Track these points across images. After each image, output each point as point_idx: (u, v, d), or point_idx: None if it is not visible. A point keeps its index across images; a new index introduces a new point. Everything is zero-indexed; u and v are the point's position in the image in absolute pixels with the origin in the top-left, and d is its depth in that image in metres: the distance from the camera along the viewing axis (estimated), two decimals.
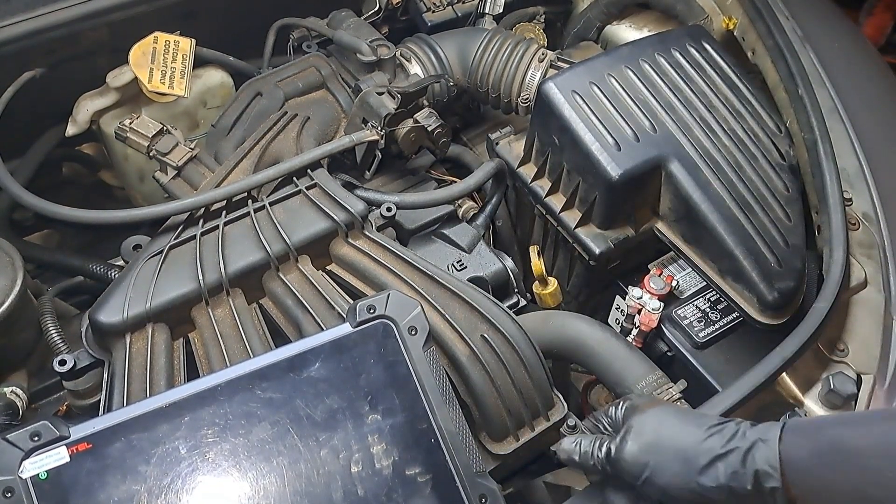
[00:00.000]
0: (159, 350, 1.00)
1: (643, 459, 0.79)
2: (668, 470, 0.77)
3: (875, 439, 0.65)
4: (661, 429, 0.81)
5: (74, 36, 1.33)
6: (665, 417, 0.83)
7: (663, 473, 0.77)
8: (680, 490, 0.76)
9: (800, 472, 0.68)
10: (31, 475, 0.78)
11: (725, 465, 0.72)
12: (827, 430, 0.69)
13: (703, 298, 1.22)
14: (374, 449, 0.85)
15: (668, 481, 0.77)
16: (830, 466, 0.66)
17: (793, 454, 0.68)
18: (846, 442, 0.66)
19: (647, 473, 0.78)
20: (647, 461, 0.79)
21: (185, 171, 1.21)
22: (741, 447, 0.71)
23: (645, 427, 0.82)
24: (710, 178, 1.17)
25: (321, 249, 1.13)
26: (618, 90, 1.23)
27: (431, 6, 1.58)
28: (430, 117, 1.29)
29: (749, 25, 1.47)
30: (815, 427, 0.70)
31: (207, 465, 0.81)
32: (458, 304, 1.05)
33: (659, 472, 0.77)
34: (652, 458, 0.78)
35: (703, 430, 0.77)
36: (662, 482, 0.77)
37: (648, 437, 0.81)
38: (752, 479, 0.70)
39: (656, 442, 0.80)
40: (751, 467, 0.70)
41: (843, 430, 0.68)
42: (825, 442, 0.67)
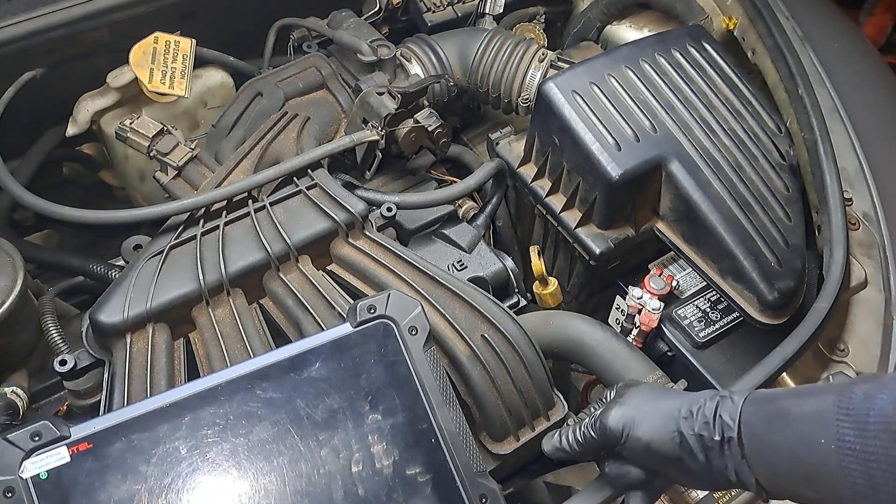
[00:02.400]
0: (160, 350, 1.00)
1: (628, 415, 0.84)
2: (649, 422, 0.83)
3: (809, 408, 0.73)
4: (643, 392, 0.88)
5: (75, 36, 1.33)
6: (648, 387, 0.90)
7: (643, 426, 0.83)
8: (660, 442, 0.82)
9: (751, 432, 0.76)
10: (31, 475, 0.78)
11: (700, 416, 0.79)
12: (778, 400, 0.77)
13: (704, 298, 1.22)
14: (375, 449, 0.85)
15: (649, 433, 0.82)
16: (773, 430, 0.74)
17: (749, 418, 0.76)
18: (788, 410, 0.74)
19: (629, 429, 0.84)
20: (631, 416, 0.84)
21: (185, 172, 1.21)
22: (712, 403, 0.79)
23: (628, 394, 0.88)
24: (710, 178, 1.17)
25: (321, 249, 1.13)
26: (618, 90, 1.23)
27: (431, 6, 1.58)
28: (431, 117, 1.29)
29: (749, 25, 1.47)
30: (769, 397, 0.78)
31: (208, 464, 0.82)
32: (458, 304, 1.05)
33: (639, 425, 0.83)
34: (635, 413, 0.84)
35: (681, 393, 0.86)
36: (643, 434, 0.83)
37: (631, 400, 0.87)
38: (718, 430, 0.77)
39: (639, 403, 0.86)
40: (718, 419, 0.78)
41: (788, 400, 0.75)
42: (773, 409, 0.76)
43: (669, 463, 0.83)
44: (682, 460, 0.81)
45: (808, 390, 0.77)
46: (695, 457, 0.80)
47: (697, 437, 0.79)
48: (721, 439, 0.77)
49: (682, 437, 0.80)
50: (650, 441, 0.83)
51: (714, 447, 0.78)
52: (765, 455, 0.75)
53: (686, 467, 0.81)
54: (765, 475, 0.76)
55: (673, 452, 0.81)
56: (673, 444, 0.81)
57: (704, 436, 0.78)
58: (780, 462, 0.74)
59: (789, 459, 0.72)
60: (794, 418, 0.73)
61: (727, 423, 0.77)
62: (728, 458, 0.77)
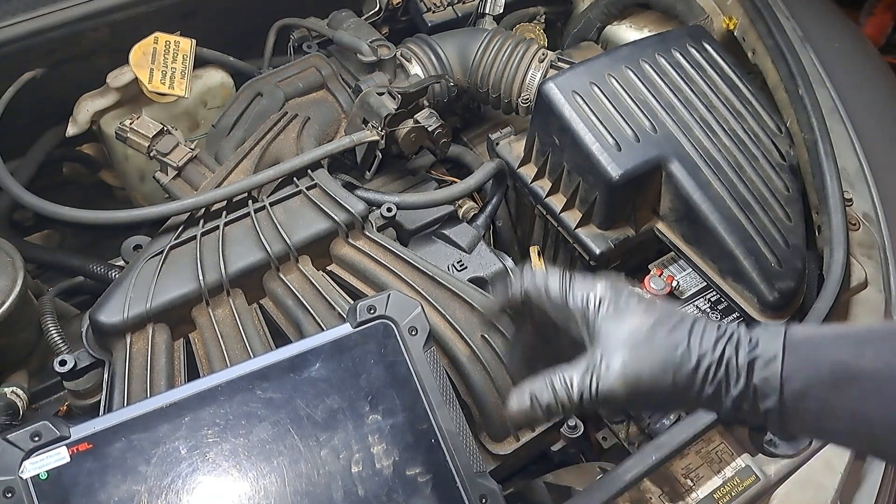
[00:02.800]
0: (160, 350, 1.00)
1: (630, 376, 0.70)
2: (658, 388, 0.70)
3: (885, 362, 0.63)
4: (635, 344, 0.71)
5: (75, 36, 1.33)
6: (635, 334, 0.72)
7: (661, 395, 0.70)
8: (674, 406, 0.74)
9: (797, 394, 0.66)
10: (31, 475, 0.78)
11: (726, 380, 0.68)
12: (829, 349, 0.66)
13: (704, 299, 1.22)
14: (375, 449, 0.85)
15: (660, 395, 0.70)
16: (832, 390, 0.64)
17: (792, 376, 0.66)
18: (850, 363, 0.64)
19: (632, 392, 0.70)
20: (633, 375, 0.70)
21: (185, 172, 1.21)
22: (740, 359, 0.68)
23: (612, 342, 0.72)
24: (710, 179, 1.17)
25: (321, 250, 1.13)
26: (618, 90, 1.23)
27: (432, 6, 1.58)
28: (431, 117, 1.29)
29: (749, 25, 1.47)
30: (816, 345, 0.67)
31: (208, 465, 0.82)
32: (458, 305, 1.05)
33: (644, 388, 0.70)
34: (637, 372, 0.70)
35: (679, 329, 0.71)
36: (650, 398, 0.71)
37: (625, 353, 0.71)
38: (752, 397, 0.67)
39: (637, 359, 0.70)
40: (753, 389, 0.67)
41: (846, 349, 0.65)
42: (828, 363, 0.65)
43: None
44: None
45: (870, 337, 0.67)
46: (716, 410, 0.71)
47: (731, 405, 0.68)
48: (753, 405, 0.67)
49: (707, 404, 0.70)
50: (664, 404, 0.74)
51: (744, 411, 0.69)
52: (810, 412, 0.66)
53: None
54: (802, 430, 0.68)
55: (691, 408, 0.74)
56: (693, 406, 0.72)
57: (738, 403, 0.68)
58: (828, 422, 0.66)
59: (849, 419, 0.64)
60: (861, 375, 0.63)
61: (766, 392, 0.66)
62: (759, 416, 0.68)
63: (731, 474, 1.01)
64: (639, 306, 0.74)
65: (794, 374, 0.66)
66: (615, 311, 0.73)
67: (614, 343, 0.72)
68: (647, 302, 0.75)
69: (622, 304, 0.74)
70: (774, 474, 1.03)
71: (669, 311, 0.74)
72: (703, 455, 1.03)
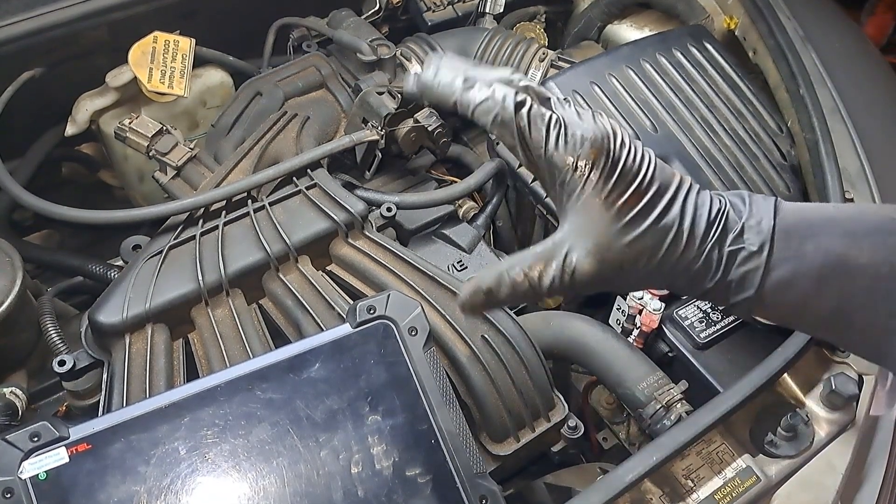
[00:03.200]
0: (159, 350, 1.00)
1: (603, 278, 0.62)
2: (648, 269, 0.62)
3: (885, 256, 0.58)
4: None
5: (74, 36, 1.33)
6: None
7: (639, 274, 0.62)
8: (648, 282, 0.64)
9: (779, 288, 0.60)
10: (30, 476, 0.77)
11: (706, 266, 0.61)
12: (824, 238, 0.61)
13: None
14: (375, 450, 0.85)
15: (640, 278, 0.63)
16: (817, 284, 0.59)
17: (776, 267, 0.60)
18: (846, 255, 0.59)
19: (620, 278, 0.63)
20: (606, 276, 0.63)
21: (184, 171, 1.21)
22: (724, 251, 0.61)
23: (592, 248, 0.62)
24: (710, 178, 1.17)
25: (321, 250, 1.12)
26: (619, 90, 1.23)
27: (432, 6, 1.58)
28: (431, 117, 1.29)
29: (750, 25, 1.46)
30: (810, 232, 0.61)
31: (207, 465, 0.81)
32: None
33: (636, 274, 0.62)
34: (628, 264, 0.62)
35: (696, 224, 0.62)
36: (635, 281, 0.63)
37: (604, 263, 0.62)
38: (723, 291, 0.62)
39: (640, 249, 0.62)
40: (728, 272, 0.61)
41: (843, 241, 0.60)
42: (818, 255, 0.60)
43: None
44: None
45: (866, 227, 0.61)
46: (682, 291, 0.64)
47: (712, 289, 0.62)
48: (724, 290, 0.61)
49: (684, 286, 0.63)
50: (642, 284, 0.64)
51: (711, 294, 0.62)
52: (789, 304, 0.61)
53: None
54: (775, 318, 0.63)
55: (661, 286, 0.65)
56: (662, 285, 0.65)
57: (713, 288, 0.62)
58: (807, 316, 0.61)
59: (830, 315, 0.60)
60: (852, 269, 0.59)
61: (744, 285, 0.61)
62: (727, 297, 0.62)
63: (732, 475, 1.01)
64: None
65: (780, 264, 0.60)
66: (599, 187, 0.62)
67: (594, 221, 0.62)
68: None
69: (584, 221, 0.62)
70: (775, 475, 1.02)
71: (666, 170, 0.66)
72: (704, 456, 1.03)
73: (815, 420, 1.06)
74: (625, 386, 1.07)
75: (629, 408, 1.12)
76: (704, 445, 1.04)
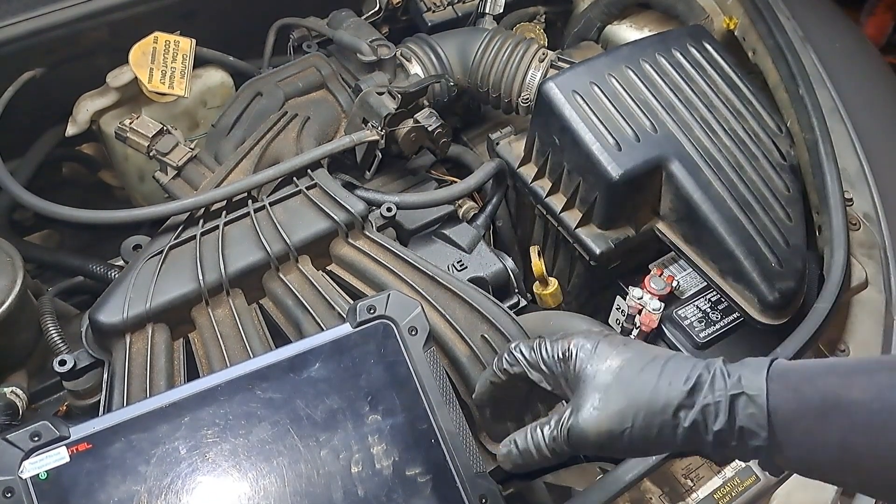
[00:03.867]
0: (159, 350, 1.00)
1: (605, 422, 0.71)
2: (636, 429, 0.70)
3: (875, 392, 0.60)
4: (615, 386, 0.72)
5: (74, 36, 1.33)
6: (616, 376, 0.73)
7: (627, 433, 0.70)
8: (655, 448, 0.72)
9: (785, 427, 0.64)
10: (31, 475, 0.78)
11: (711, 422, 0.67)
12: (818, 380, 0.64)
13: (704, 299, 1.22)
14: (375, 449, 0.85)
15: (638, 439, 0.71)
16: (820, 421, 0.62)
17: (780, 408, 0.64)
18: (840, 394, 0.62)
19: (610, 437, 0.71)
20: (611, 422, 0.71)
21: (185, 171, 1.21)
22: (723, 403, 0.67)
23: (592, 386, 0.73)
24: (710, 179, 1.17)
25: (321, 249, 1.13)
26: (618, 90, 1.23)
27: (432, 6, 1.58)
28: (431, 117, 1.29)
29: (750, 25, 1.46)
30: (803, 376, 0.65)
31: (207, 465, 0.81)
32: (458, 305, 1.05)
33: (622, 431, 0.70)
34: (614, 419, 0.71)
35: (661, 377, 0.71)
36: (630, 443, 0.71)
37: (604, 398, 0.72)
38: (739, 437, 0.66)
39: (615, 403, 0.71)
40: (739, 430, 0.66)
41: (836, 379, 0.64)
42: (816, 394, 0.63)
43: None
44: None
45: (860, 367, 0.66)
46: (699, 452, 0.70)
47: (712, 444, 0.68)
48: (740, 443, 0.67)
49: (687, 443, 0.69)
50: (640, 447, 0.72)
51: (728, 449, 0.68)
52: (799, 445, 0.64)
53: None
54: (790, 462, 0.66)
55: (672, 450, 0.73)
56: (673, 447, 0.71)
57: (722, 441, 0.67)
58: (818, 453, 0.64)
59: (843, 456, 0.62)
60: (851, 404, 0.62)
61: (753, 430, 0.66)
62: (745, 455, 0.67)
63: (732, 474, 1.01)
64: (612, 349, 0.75)
65: (782, 404, 0.65)
66: (588, 357, 0.75)
67: (588, 389, 0.73)
68: (620, 342, 0.76)
69: (597, 349, 0.75)
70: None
71: (643, 350, 0.75)
72: None
73: None
74: None
75: None
76: None
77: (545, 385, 0.80)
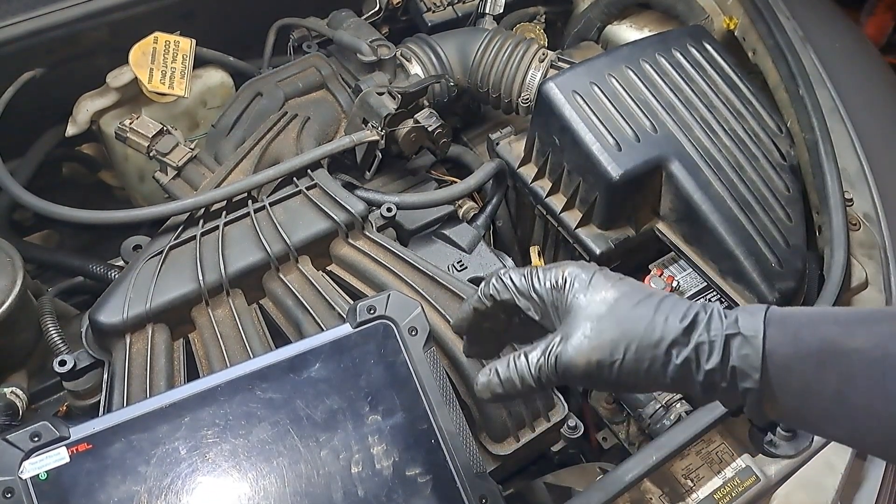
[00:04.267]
0: (159, 350, 1.00)
1: (595, 349, 0.68)
2: (628, 360, 0.67)
3: (877, 341, 0.59)
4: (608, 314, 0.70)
5: (74, 36, 1.33)
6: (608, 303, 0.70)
7: (617, 363, 0.68)
8: (644, 383, 0.69)
9: (780, 371, 0.62)
10: (31, 475, 0.78)
11: (704, 359, 0.65)
12: (817, 326, 0.63)
13: (704, 299, 1.22)
14: (375, 449, 0.85)
15: (628, 371, 0.68)
16: (817, 367, 0.61)
17: (776, 352, 0.62)
18: (840, 341, 0.61)
19: (599, 366, 0.68)
20: (601, 350, 0.68)
21: (185, 172, 1.21)
22: (718, 341, 0.65)
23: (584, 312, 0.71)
24: (710, 179, 1.17)
25: (321, 250, 1.13)
26: (618, 90, 1.23)
27: (432, 6, 1.58)
28: (431, 117, 1.29)
29: (750, 25, 1.46)
30: (802, 322, 0.63)
31: (207, 465, 0.81)
32: (458, 305, 1.05)
33: (613, 361, 0.68)
34: (606, 347, 0.68)
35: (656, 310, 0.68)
36: (620, 373, 0.68)
37: (595, 325, 0.69)
38: (731, 377, 0.64)
39: (607, 331, 0.68)
40: (731, 369, 0.64)
41: (836, 327, 0.62)
42: (815, 339, 0.62)
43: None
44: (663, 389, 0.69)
45: (862, 317, 0.64)
46: (687, 391, 0.67)
47: (701, 383, 0.65)
48: (732, 386, 0.64)
49: (677, 382, 0.67)
50: (629, 381, 0.68)
51: (720, 391, 0.66)
52: (793, 391, 0.63)
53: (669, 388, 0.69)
54: (782, 411, 0.64)
55: (659, 388, 0.69)
56: (661, 384, 0.68)
57: (712, 381, 0.65)
58: (812, 401, 0.62)
59: (837, 406, 0.61)
60: (850, 352, 0.60)
61: (746, 371, 0.63)
62: (735, 400, 0.65)
63: (732, 475, 1.01)
64: (607, 281, 0.72)
65: (779, 348, 0.63)
66: (583, 288, 0.72)
67: (579, 318, 0.70)
68: (616, 277, 0.73)
69: (592, 280, 0.72)
70: (775, 475, 1.03)
71: (638, 286, 0.72)
72: (704, 455, 1.03)
73: None
74: None
75: (629, 408, 1.12)
76: (704, 445, 1.04)
77: (533, 314, 0.75)
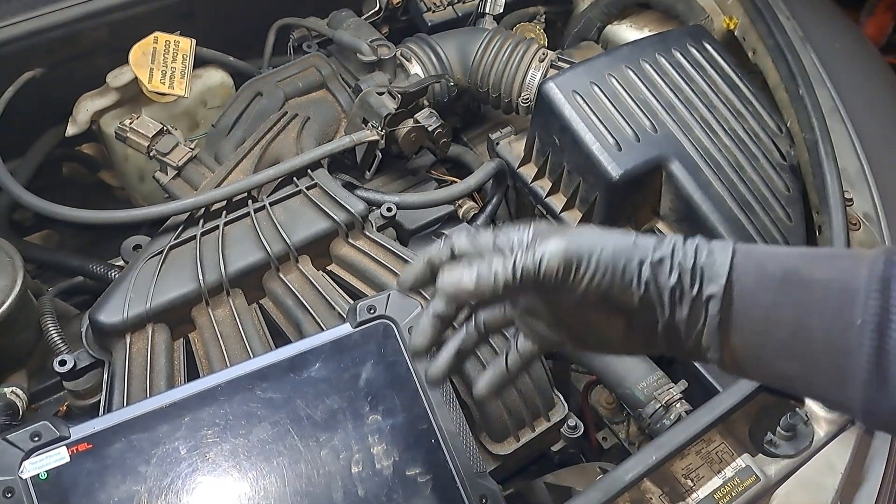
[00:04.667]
0: (159, 350, 1.00)
1: (571, 251, 0.64)
2: (602, 263, 0.64)
3: (837, 273, 0.60)
4: (586, 228, 0.68)
5: (74, 36, 1.33)
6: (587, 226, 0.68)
7: (593, 267, 0.64)
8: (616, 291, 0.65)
9: (743, 297, 0.62)
10: (31, 475, 0.78)
11: (676, 264, 0.64)
12: (781, 258, 0.64)
13: None
14: (375, 449, 0.85)
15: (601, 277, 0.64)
16: (778, 294, 0.61)
17: (740, 279, 0.62)
18: (802, 271, 0.62)
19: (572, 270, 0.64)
20: (575, 252, 0.64)
21: (185, 172, 1.21)
22: (688, 248, 0.65)
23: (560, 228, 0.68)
24: (710, 179, 1.17)
25: (321, 249, 1.13)
26: (618, 90, 1.23)
27: (432, 6, 1.58)
28: (431, 117, 1.29)
29: (750, 25, 1.46)
30: (768, 253, 0.65)
31: (207, 465, 0.81)
32: None
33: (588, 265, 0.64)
34: (583, 250, 0.64)
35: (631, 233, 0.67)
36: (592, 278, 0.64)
37: (574, 233, 0.66)
38: (698, 281, 0.63)
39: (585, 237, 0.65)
40: (699, 270, 0.63)
41: (799, 260, 0.63)
42: (779, 268, 0.63)
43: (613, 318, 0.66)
44: (633, 314, 0.65)
45: (827, 254, 0.65)
46: (653, 311, 0.65)
47: (669, 289, 0.63)
48: (698, 293, 0.63)
49: (647, 287, 0.64)
50: (600, 288, 0.64)
51: (686, 303, 0.63)
52: (754, 319, 0.62)
53: (635, 324, 0.66)
54: (741, 344, 0.63)
55: (628, 305, 0.65)
56: (631, 293, 0.64)
57: (679, 287, 0.63)
58: (772, 331, 0.62)
59: (791, 329, 0.61)
60: (811, 281, 0.61)
61: (711, 275, 0.63)
62: (698, 318, 0.63)
63: (732, 474, 1.01)
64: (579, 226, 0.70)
65: (742, 277, 0.63)
66: (554, 229, 0.67)
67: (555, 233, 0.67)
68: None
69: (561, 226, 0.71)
70: (775, 474, 1.02)
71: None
72: (704, 455, 1.03)
73: (815, 419, 1.06)
74: (624, 385, 1.08)
75: (629, 407, 1.12)
76: (704, 445, 1.04)
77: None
